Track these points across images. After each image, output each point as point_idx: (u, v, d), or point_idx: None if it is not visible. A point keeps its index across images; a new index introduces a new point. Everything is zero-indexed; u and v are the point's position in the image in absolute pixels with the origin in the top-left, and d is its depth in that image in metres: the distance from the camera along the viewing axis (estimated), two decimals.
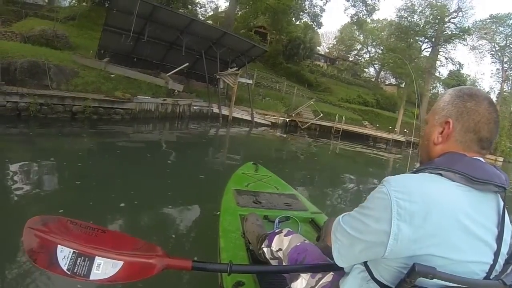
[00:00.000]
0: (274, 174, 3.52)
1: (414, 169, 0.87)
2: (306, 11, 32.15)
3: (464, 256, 0.74)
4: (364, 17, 33.09)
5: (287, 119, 19.98)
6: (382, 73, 47.64)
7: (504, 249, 0.79)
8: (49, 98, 8.66)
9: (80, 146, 7.01)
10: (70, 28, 16.80)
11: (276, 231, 1.60)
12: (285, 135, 16.75)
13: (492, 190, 0.78)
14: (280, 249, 1.48)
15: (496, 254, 0.77)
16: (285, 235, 1.51)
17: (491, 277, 0.78)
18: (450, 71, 37.07)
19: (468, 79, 40.43)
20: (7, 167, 4.59)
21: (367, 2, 30.83)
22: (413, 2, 30.34)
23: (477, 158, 0.83)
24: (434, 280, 0.70)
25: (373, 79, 47.55)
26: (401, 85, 41.47)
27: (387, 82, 48.56)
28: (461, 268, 0.74)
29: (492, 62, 43.02)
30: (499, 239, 0.78)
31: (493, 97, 39.93)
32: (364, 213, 0.83)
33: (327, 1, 31.39)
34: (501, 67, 37.96)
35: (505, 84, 38.04)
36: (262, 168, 3.65)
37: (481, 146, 0.84)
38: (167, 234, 3.42)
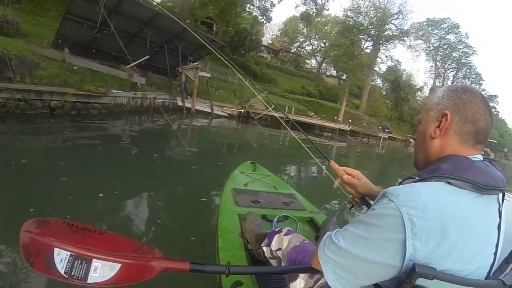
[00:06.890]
0: (273, 174, 3.57)
1: (417, 178, 0.82)
2: (255, 5, 32.83)
3: (474, 264, 0.74)
4: (314, 15, 34.77)
5: (242, 111, 20.93)
6: (324, 64, 49.89)
7: (501, 246, 0.80)
8: (27, 93, 8.42)
9: (63, 143, 6.74)
10: (16, 12, 15.47)
11: (276, 230, 1.59)
12: (240, 126, 17.77)
13: (495, 193, 0.79)
14: (279, 249, 1.47)
15: (495, 253, 0.78)
16: (284, 235, 1.50)
17: (489, 276, 0.79)
18: (388, 66, 40.98)
19: (404, 73, 45.11)
20: None
21: (318, 2, 32.57)
22: (359, 3, 33.02)
23: (481, 160, 0.82)
24: (434, 280, 0.69)
25: (315, 71, 49.51)
26: (342, 77, 44.59)
27: (328, 73, 50.83)
28: (464, 272, 0.73)
29: (426, 60, 50.09)
30: (498, 239, 0.79)
31: (426, 91, 46.00)
32: (368, 230, 0.75)
33: (280, 0, 32.42)
34: (434, 65, 44.26)
35: (437, 80, 44.63)
36: (261, 167, 3.68)
37: (478, 139, 0.83)
38: (165, 232, 3.40)
